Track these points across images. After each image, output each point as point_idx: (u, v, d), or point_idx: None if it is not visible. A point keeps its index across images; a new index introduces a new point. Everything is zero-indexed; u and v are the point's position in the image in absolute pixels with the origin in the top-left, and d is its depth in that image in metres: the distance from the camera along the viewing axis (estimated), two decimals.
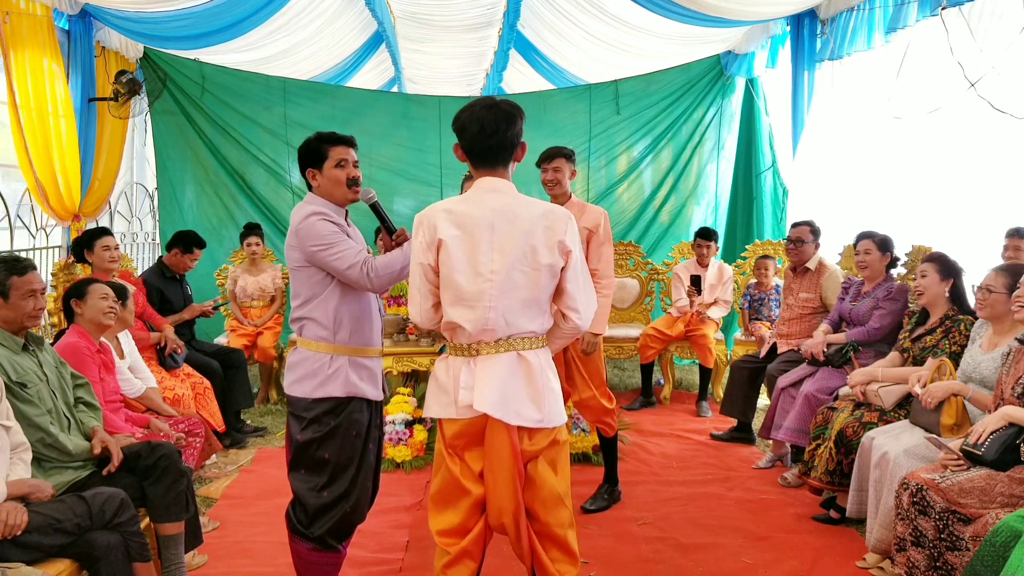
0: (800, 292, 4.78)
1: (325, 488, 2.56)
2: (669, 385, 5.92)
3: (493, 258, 2.19)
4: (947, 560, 2.62)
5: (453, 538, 2.25)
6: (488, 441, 2.20)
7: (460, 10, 7.12)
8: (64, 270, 4.22)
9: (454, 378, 2.23)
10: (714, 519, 3.71)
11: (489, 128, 2.23)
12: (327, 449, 2.55)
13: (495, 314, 2.19)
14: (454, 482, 2.25)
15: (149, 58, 6.35)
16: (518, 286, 2.20)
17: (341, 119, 6.75)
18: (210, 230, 6.59)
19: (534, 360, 2.24)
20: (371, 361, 2.64)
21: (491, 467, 2.20)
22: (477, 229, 2.19)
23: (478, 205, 2.22)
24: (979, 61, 3.94)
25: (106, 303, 3.36)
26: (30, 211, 5.30)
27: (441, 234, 2.19)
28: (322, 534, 2.57)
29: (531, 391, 2.22)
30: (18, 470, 2.53)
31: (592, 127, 6.97)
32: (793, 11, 5.62)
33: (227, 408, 4.69)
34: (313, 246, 2.48)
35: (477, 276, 2.18)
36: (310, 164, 2.61)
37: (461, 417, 2.21)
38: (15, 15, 4.58)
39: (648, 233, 7.07)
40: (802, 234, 4.74)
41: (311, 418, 2.54)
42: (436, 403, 2.28)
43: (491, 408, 2.17)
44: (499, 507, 2.20)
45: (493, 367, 2.20)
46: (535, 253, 2.20)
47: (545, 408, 2.23)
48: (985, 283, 3.17)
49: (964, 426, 3.08)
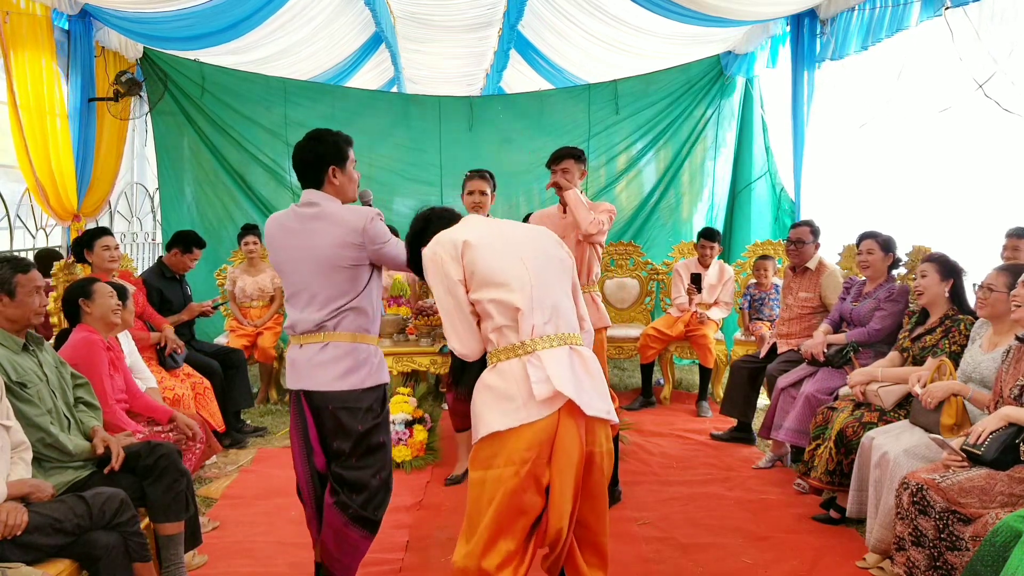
0: (799, 292, 4.78)
1: (380, 471, 2.69)
2: (669, 385, 5.92)
3: (521, 254, 2.24)
4: (947, 560, 2.62)
5: (511, 567, 2.10)
6: (560, 438, 2.09)
7: (460, 10, 7.12)
8: (64, 270, 4.21)
9: (517, 380, 2.10)
10: (714, 519, 3.71)
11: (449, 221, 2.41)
12: (381, 433, 2.68)
13: (540, 292, 2.18)
14: (514, 504, 2.08)
15: (149, 58, 6.35)
16: (548, 272, 2.25)
17: (341, 119, 6.75)
18: (210, 230, 6.59)
19: (587, 354, 2.24)
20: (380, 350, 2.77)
21: (560, 468, 2.09)
22: (491, 237, 2.26)
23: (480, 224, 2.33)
24: (985, 62, 3.94)
25: (113, 301, 3.38)
26: (30, 211, 5.29)
27: (464, 236, 2.21)
28: (382, 517, 2.72)
29: (593, 383, 2.19)
30: (19, 470, 2.52)
31: (591, 127, 6.97)
32: (793, 11, 5.62)
33: (227, 408, 4.69)
34: (382, 243, 2.59)
35: (510, 260, 2.20)
36: (334, 162, 2.62)
37: (537, 418, 2.06)
38: (15, 15, 4.58)
39: (647, 233, 7.07)
40: (802, 235, 4.74)
41: (366, 407, 2.62)
42: (498, 414, 2.10)
43: (573, 393, 2.07)
44: (560, 511, 2.10)
45: (557, 358, 2.13)
46: (547, 249, 2.32)
47: (608, 400, 2.22)
48: (986, 282, 3.17)
49: (964, 426, 3.08)
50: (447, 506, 3.86)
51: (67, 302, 3.36)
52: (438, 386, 5.74)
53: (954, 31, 4.11)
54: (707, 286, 5.75)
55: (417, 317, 5.25)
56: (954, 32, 4.10)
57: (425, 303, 5.36)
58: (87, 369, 3.11)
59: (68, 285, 3.48)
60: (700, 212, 7.03)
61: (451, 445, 4.55)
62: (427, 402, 5.45)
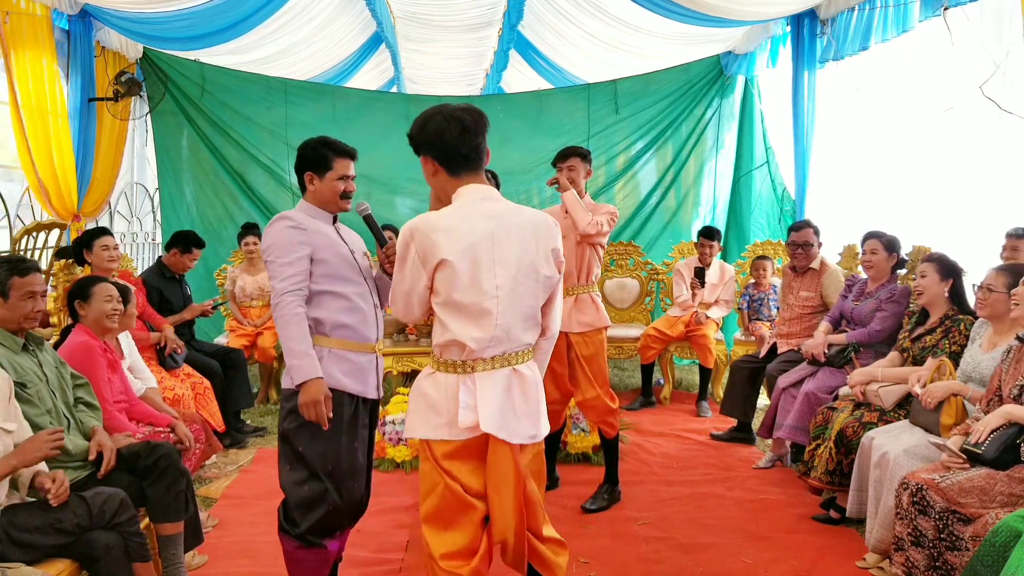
0: (800, 291, 4.77)
1: (305, 483, 2.52)
2: (669, 385, 5.92)
3: (496, 272, 2.07)
4: (946, 560, 2.62)
5: (461, 560, 2.13)
6: (492, 460, 2.11)
7: (460, 10, 7.12)
8: (64, 270, 4.22)
9: (448, 397, 2.10)
10: (714, 519, 3.70)
11: (471, 127, 2.12)
12: (300, 442, 2.50)
13: (501, 330, 2.09)
14: (456, 499, 2.13)
15: (149, 58, 6.35)
16: (521, 299, 2.12)
17: (342, 119, 6.76)
18: (210, 230, 6.59)
19: (528, 373, 2.18)
20: (359, 356, 2.56)
21: (496, 486, 2.11)
22: (478, 244, 2.05)
23: (474, 218, 2.08)
24: (983, 62, 3.94)
25: (110, 305, 3.32)
26: (30, 211, 5.29)
27: (444, 254, 2.02)
28: (304, 531, 2.54)
29: (527, 407, 2.15)
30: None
31: (591, 127, 6.96)
32: (793, 11, 5.62)
33: (227, 408, 4.69)
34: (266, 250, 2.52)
35: (482, 294, 2.06)
36: (311, 168, 2.62)
37: (457, 439, 2.10)
38: (15, 15, 4.58)
39: (647, 233, 7.07)
40: (808, 237, 4.71)
41: (290, 408, 2.50)
42: (424, 423, 2.13)
43: (495, 428, 2.07)
44: (504, 525, 2.12)
45: (492, 384, 2.10)
46: (534, 265, 2.14)
47: (538, 422, 2.19)
48: (986, 283, 3.17)
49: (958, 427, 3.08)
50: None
51: (68, 301, 3.37)
52: None
53: (952, 31, 4.10)
54: (708, 284, 5.75)
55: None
56: (952, 32, 4.10)
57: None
58: (84, 373, 3.10)
59: (71, 283, 3.46)
60: (700, 212, 7.03)
61: None
62: None
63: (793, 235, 4.79)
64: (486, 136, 2.18)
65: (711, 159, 6.98)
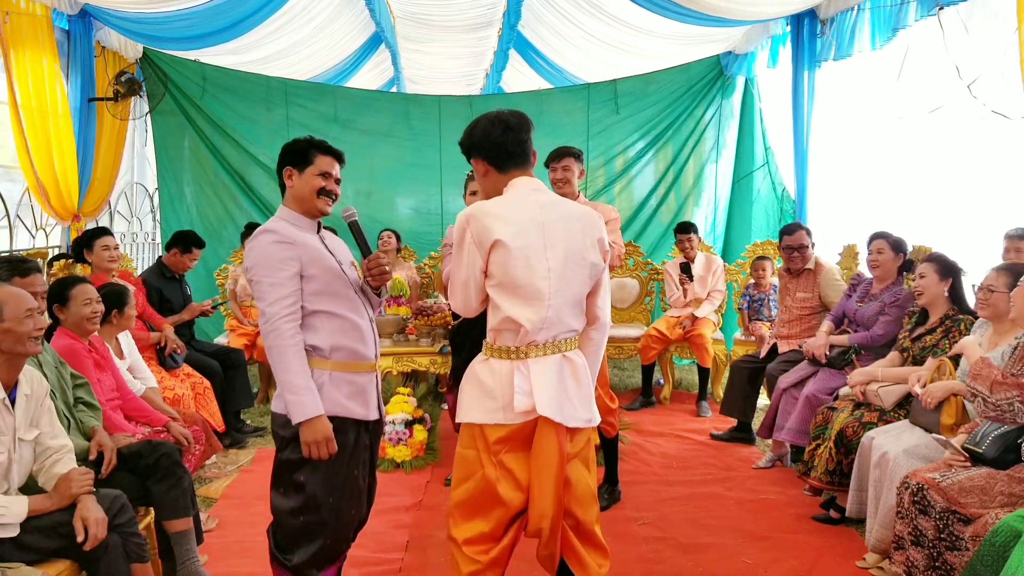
0: (797, 292, 4.77)
1: (302, 514, 2.37)
2: (669, 385, 5.92)
3: (548, 256, 2.17)
4: (946, 560, 2.62)
5: (482, 546, 2.19)
6: (538, 445, 2.16)
7: (460, 10, 7.12)
8: (64, 270, 4.21)
9: (503, 383, 2.17)
10: (714, 519, 3.70)
11: (515, 125, 2.24)
12: (303, 472, 2.36)
13: (553, 312, 2.17)
14: (490, 490, 2.18)
15: (149, 58, 6.35)
16: (571, 284, 2.21)
17: (342, 119, 6.77)
18: (210, 230, 6.59)
19: (578, 360, 2.25)
20: (360, 376, 2.44)
21: (539, 471, 2.15)
22: (530, 229, 2.16)
23: (526, 204, 2.19)
24: (976, 62, 3.94)
25: (89, 308, 3.21)
26: (30, 211, 5.29)
27: (497, 234, 2.12)
28: (301, 564, 2.39)
29: (580, 392, 2.23)
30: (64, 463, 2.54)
31: (591, 126, 6.97)
32: (793, 11, 5.62)
33: (227, 408, 4.70)
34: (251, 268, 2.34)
35: (535, 275, 2.15)
36: (291, 163, 2.45)
37: (512, 423, 2.15)
38: (15, 15, 4.58)
39: (647, 233, 7.07)
40: (802, 239, 4.70)
41: (289, 436, 2.36)
42: (479, 408, 2.20)
43: (552, 412, 2.13)
44: (541, 512, 2.16)
45: (545, 370, 2.17)
46: (581, 252, 2.22)
47: (591, 407, 2.25)
48: (986, 283, 3.18)
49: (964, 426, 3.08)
50: (447, 506, 3.85)
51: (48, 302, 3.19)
52: (438, 386, 5.74)
53: (946, 31, 4.11)
54: (696, 277, 5.76)
55: (417, 317, 5.25)
56: (946, 32, 4.10)
57: (424, 303, 5.36)
58: None
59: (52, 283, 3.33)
60: (701, 212, 7.03)
61: (451, 445, 4.54)
62: (427, 402, 5.45)
63: (786, 239, 4.77)
64: (531, 136, 2.28)
65: (711, 159, 6.98)
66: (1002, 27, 3.83)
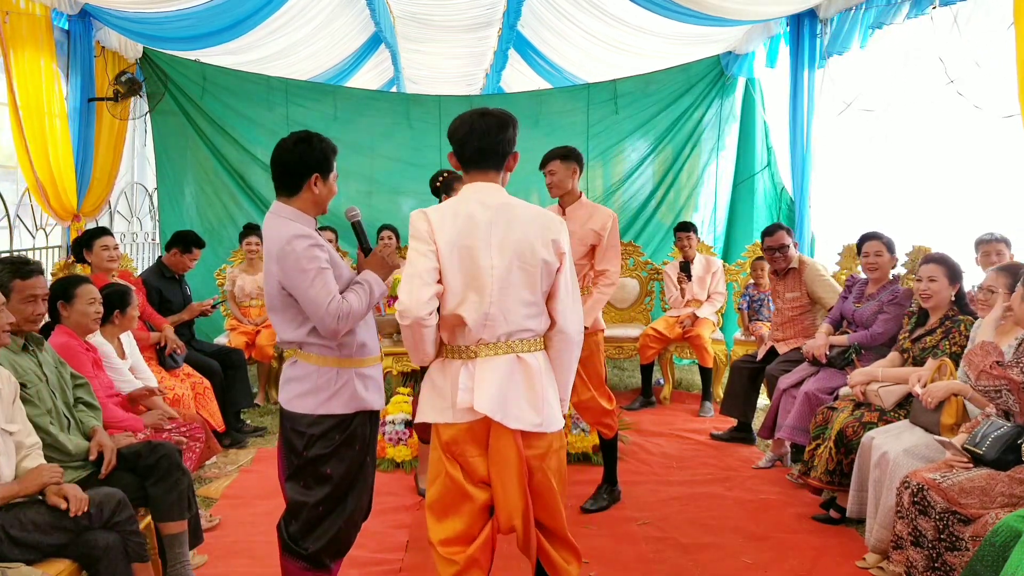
0: (786, 293, 4.79)
1: (323, 503, 2.44)
2: (669, 385, 5.92)
3: (492, 255, 2.19)
4: (945, 560, 2.62)
5: (458, 546, 2.23)
6: (494, 444, 2.19)
7: (460, 10, 7.12)
8: (64, 270, 4.22)
9: (451, 381, 2.21)
10: (714, 519, 3.71)
11: (479, 131, 2.27)
12: (330, 465, 2.42)
13: (495, 309, 2.19)
14: (456, 488, 2.23)
15: (149, 58, 6.34)
16: (516, 284, 2.20)
17: (342, 119, 6.76)
18: (210, 230, 6.59)
19: (532, 363, 2.24)
20: (373, 369, 2.52)
21: (498, 470, 2.19)
22: (476, 228, 2.19)
23: (474, 204, 2.23)
24: (966, 59, 3.95)
25: (93, 307, 3.25)
26: (30, 211, 5.29)
27: (439, 238, 2.17)
28: (316, 551, 2.45)
29: (530, 394, 2.21)
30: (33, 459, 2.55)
31: (590, 127, 6.96)
32: (793, 11, 5.62)
33: (227, 408, 4.69)
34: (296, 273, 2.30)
35: (478, 273, 2.18)
36: (318, 170, 2.44)
37: (459, 421, 2.19)
38: (14, 15, 4.58)
39: (647, 233, 7.06)
40: (782, 239, 4.73)
41: (318, 434, 2.40)
42: (431, 407, 2.26)
43: (491, 410, 2.15)
44: (509, 510, 2.20)
45: (492, 369, 2.19)
46: (532, 251, 2.21)
47: (544, 412, 2.22)
48: (986, 284, 3.20)
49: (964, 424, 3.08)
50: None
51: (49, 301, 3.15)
52: None
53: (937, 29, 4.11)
54: (696, 278, 5.76)
55: None
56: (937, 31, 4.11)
57: None
58: None
59: (55, 281, 3.39)
60: (700, 212, 7.02)
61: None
62: None
63: (767, 240, 4.78)
64: (506, 137, 2.30)
65: (711, 159, 6.97)
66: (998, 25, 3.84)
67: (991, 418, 2.87)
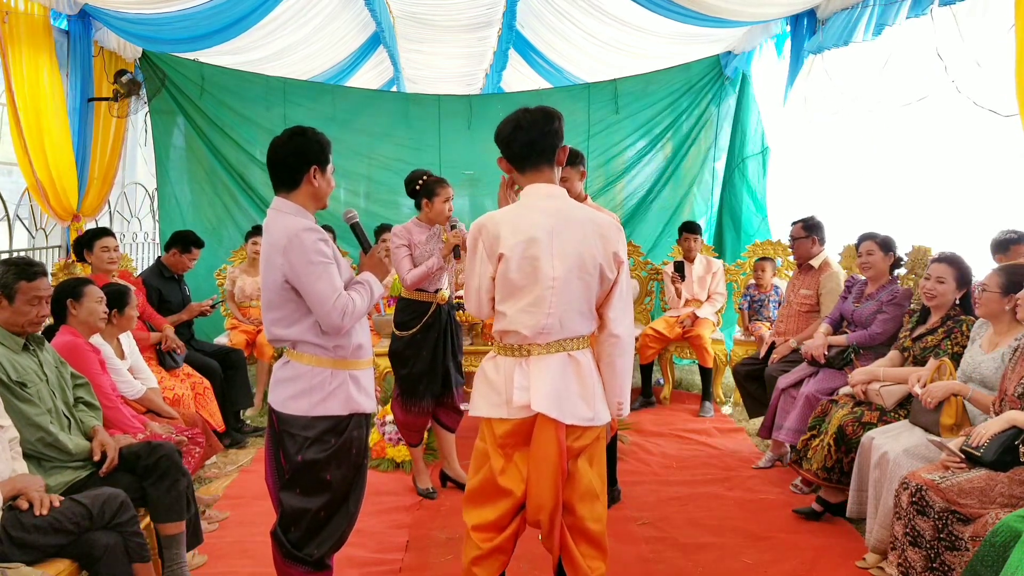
0: (800, 288, 4.81)
1: (324, 509, 2.42)
2: (669, 385, 5.92)
3: (555, 264, 2.21)
4: (944, 560, 2.62)
5: (488, 533, 2.31)
6: (536, 439, 2.23)
7: (460, 10, 7.12)
8: (64, 270, 4.21)
9: (506, 378, 2.26)
10: (714, 519, 3.71)
11: (525, 124, 2.28)
12: (328, 470, 2.40)
13: (553, 319, 2.22)
14: (494, 481, 2.28)
15: (148, 58, 6.34)
16: (575, 293, 2.24)
17: (341, 119, 6.75)
18: (209, 230, 6.58)
19: (583, 359, 2.29)
20: (365, 373, 2.50)
21: (536, 465, 2.23)
22: (539, 236, 2.21)
23: (536, 212, 2.25)
24: (966, 59, 3.94)
25: (101, 307, 3.32)
26: (29, 211, 5.29)
27: (502, 247, 2.21)
28: (321, 555, 2.46)
29: (582, 390, 2.27)
30: (18, 465, 2.54)
31: (591, 126, 6.96)
32: (793, 11, 5.62)
33: (227, 408, 4.69)
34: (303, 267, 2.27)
35: (538, 284, 2.21)
36: (316, 162, 2.39)
37: (513, 417, 2.24)
38: (13, 15, 4.57)
39: (647, 233, 7.06)
40: (796, 232, 4.80)
41: (313, 437, 2.37)
42: (486, 402, 2.30)
43: (547, 408, 2.20)
44: (539, 504, 2.24)
45: (546, 367, 2.24)
46: (593, 261, 2.24)
47: (595, 406, 2.28)
48: (982, 282, 3.20)
49: (964, 426, 3.08)
50: (447, 506, 3.86)
51: (56, 300, 3.21)
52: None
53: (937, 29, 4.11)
54: (696, 278, 5.76)
55: None
56: (937, 30, 4.11)
57: None
58: (79, 372, 3.08)
59: (59, 282, 3.42)
60: (701, 212, 7.02)
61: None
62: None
63: (791, 229, 4.89)
64: (552, 130, 2.30)
65: (711, 159, 6.97)
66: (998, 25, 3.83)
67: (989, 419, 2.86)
